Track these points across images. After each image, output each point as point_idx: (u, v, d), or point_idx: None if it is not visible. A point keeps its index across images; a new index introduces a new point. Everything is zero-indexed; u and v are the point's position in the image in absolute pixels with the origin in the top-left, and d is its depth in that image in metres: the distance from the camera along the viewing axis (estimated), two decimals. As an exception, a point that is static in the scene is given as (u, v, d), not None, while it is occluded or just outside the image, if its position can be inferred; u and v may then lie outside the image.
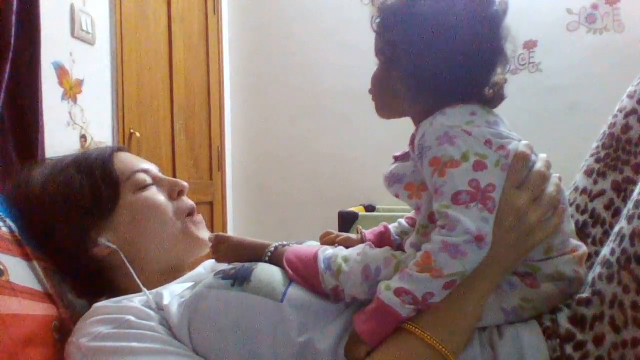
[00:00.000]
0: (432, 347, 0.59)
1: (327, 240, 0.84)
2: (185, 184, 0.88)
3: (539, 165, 0.65)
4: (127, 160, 0.87)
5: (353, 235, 0.83)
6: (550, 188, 0.65)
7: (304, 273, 0.71)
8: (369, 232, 0.82)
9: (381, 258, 0.67)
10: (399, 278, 0.61)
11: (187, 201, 0.88)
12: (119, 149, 0.89)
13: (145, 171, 0.86)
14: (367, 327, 0.61)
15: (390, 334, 0.61)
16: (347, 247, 0.77)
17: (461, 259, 0.58)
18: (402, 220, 0.81)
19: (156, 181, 0.87)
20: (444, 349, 0.58)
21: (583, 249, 0.67)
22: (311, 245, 0.80)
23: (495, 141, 0.63)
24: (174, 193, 0.86)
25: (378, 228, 0.82)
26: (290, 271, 0.72)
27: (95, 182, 0.81)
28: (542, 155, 0.68)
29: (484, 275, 0.61)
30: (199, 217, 0.88)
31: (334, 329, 0.66)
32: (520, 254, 0.62)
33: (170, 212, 0.84)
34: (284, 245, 0.79)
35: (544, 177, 0.65)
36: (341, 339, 0.65)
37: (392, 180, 0.71)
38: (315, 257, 0.71)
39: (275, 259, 0.76)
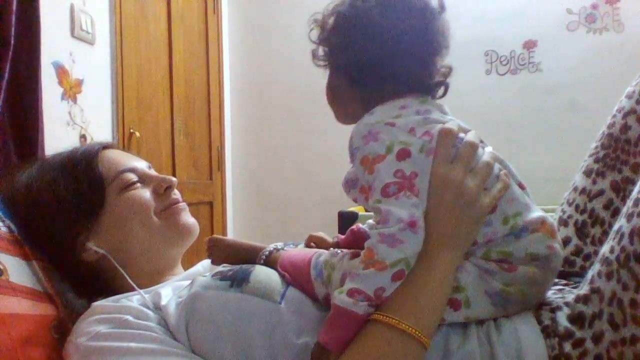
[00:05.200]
0: (403, 332, 0.58)
1: (307, 240, 0.84)
2: (173, 179, 0.86)
3: (467, 137, 0.67)
4: (113, 159, 0.84)
5: (329, 238, 0.83)
6: (486, 156, 0.66)
7: (298, 279, 0.71)
8: (342, 238, 0.82)
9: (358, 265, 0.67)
10: (349, 280, 0.61)
11: (172, 196, 0.86)
12: (106, 147, 0.86)
13: (132, 170, 0.84)
14: (330, 335, 0.60)
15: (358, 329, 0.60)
16: (319, 247, 0.77)
17: (399, 247, 0.59)
18: (371, 221, 0.81)
19: (143, 179, 0.84)
20: (415, 331, 0.58)
21: (550, 219, 0.67)
22: (305, 250, 0.79)
23: (419, 128, 0.65)
24: (160, 189, 0.84)
25: (348, 231, 0.81)
26: (286, 275, 0.72)
27: (79, 186, 0.79)
28: (472, 131, 0.69)
29: (442, 253, 0.61)
30: (180, 205, 0.86)
31: None
32: (473, 225, 0.63)
33: (151, 210, 0.82)
34: (278, 250, 0.78)
35: (473, 146, 0.66)
36: None
37: (348, 186, 0.71)
38: (308, 264, 0.71)
39: (269, 264, 0.76)
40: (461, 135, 0.66)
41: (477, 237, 0.64)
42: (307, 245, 0.84)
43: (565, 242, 0.86)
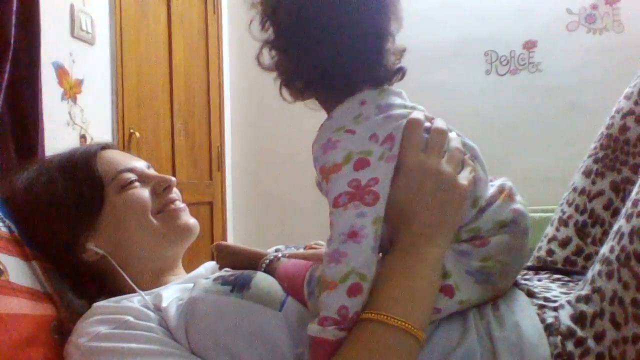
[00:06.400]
0: (395, 327, 0.57)
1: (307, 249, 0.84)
2: (172, 178, 0.86)
3: (436, 124, 0.66)
4: (112, 159, 0.84)
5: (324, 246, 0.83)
6: (454, 142, 0.66)
7: (294, 294, 0.70)
8: None
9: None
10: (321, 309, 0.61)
11: (171, 195, 0.85)
12: (104, 147, 0.86)
13: (131, 170, 0.83)
14: None
15: (350, 328, 0.59)
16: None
17: (344, 260, 0.58)
18: None
19: (142, 178, 0.84)
20: (407, 325, 0.57)
21: (508, 184, 0.67)
22: (302, 262, 0.77)
23: (381, 132, 0.63)
24: (159, 188, 0.84)
25: None
26: (285, 285, 0.71)
27: (78, 187, 0.79)
28: (438, 118, 0.68)
29: (429, 242, 0.61)
30: (179, 206, 0.85)
31: None
32: (456, 209, 0.62)
33: (149, 210, 0.82)
34: (279, 258, 0.77)
35: (443, 133, 0.65)
36: None
37: (321, 188, 0.70)
38: (303, 279, 0.69)
39: (270, 272, 0.75)
40: (427, 124, 0.66)
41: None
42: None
43: (566, 242, 0.86)
